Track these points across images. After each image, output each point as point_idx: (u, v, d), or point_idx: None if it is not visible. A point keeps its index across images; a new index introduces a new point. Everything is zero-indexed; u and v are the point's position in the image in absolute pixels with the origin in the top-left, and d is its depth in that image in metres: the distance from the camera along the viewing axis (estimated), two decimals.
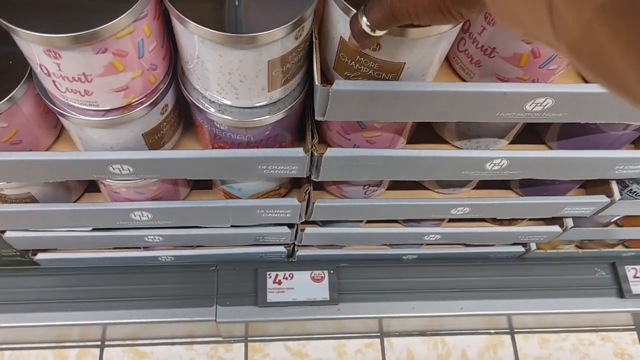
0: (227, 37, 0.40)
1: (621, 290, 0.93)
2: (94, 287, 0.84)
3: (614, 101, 0.48)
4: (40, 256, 0.79)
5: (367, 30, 0.37)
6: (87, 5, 0.40)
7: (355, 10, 0.41)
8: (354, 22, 0.38)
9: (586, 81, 0.51)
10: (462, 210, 0.70)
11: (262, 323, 0.92)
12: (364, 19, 0.36)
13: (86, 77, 0.43)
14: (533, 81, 0.49)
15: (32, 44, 0.40)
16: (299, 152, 0.55)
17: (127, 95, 0.47)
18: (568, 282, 0.94)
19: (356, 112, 0.50)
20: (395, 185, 0.73)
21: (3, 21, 0.39)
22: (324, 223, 0.82)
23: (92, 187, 0.68)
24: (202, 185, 0.70)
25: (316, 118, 0.51)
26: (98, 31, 0.39)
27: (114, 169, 0.54)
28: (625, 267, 0.94)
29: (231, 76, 0.45)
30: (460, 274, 0.94)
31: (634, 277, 0.93)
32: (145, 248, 0.85)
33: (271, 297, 0.87)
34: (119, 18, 0.39)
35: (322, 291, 0.89)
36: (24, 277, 0.83)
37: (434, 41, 0.42)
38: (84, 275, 0.84)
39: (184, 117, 0.58)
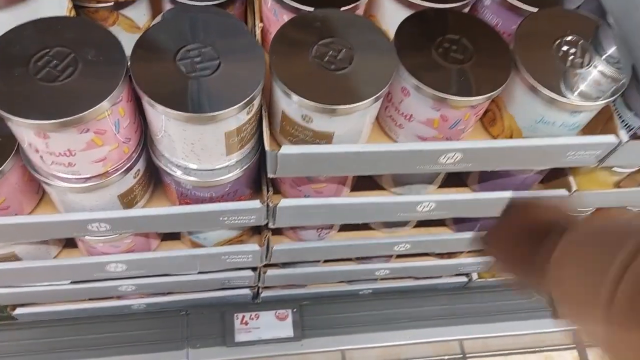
0: (189, 116, 0.49)
1: (557, 312, 1.03)
2: (71, 338, 0.89)
3: (508, 153, 0.59)
4: (18, 311, 0.84)
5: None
6: (70, 91, 0.48)
7: (292, 93, 0.51)
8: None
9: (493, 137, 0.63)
10: (404, 247, 0.79)
11: None
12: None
13: (70, 152, 0.51)
14: (446, 139, 0.59)
15: (23, 128, 0.48)
16: (256, 204, 0.64)
17: (105, 164, 0.55)
18: (509, 306, 1.04)
19: (301, 169, 0.59)
20: (345, 227, 0.82)
21: (1, 110, 0.47)
22: (284, 264, 0.90)
23: (69, 243, 0.75)
24: (170, 236, 0.78)
25: (268, 176, 0.60)
26: (83, 116, 0.47)
27: (92, 227, 0.61)
28: None
29: (194, 145, 0.54)
30: (412, 305, 1.03)
31: None
32: (118, 297, 0.91)
33: (239, 337, 0.94)
34: (100, 104, 0.47)
35: (286, 329, 0.96)
36: (1, 331, 0.88)
37: (356, 116, 0.52)
38: (60, 327, 0.90)
39: (154, 178, 0.66)
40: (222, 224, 0.66)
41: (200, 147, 0.54)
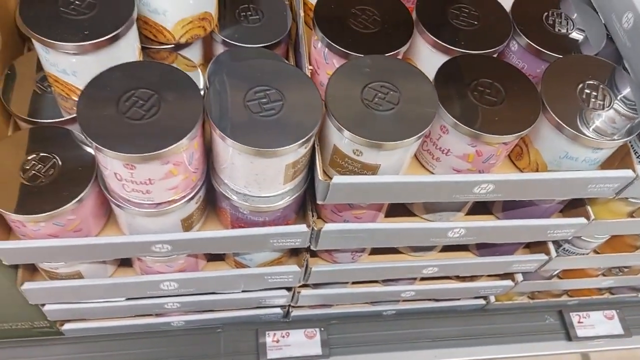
0: (257, 151, 0.56)
1: (569, 335, 1.08)
2: (113, 353, 0.94)
3: (535, 185, 0.65)
4: (67, 326, 0.89)
5: None
6: (155, 128, 0.54)
7: (345, 130, 0.57)
8: None
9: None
10: (431, 270, 0.85)
11: None
12: None
13: (150, 181, 0.57)
14: (479, 171, 0.66)
15: (112, 159, 0.55)
16: (303, 228, 0.70)
17: (176, 192, 0.61)
18: (523, 328, 1.09)
19: (348, 197, 0.65)
20: (376, 251, 0.88)
21: (97, 144, 0.53)
22: (316, 285, 0.96)
23: (122, 262, 0.80)
24: (215, 257, 0.84)
25: (318, 202, 0.66)
26: (167, 150, 0.53)
27: (156, 247, 0.67)
28: (571, 314, 1.10)
29: (257, 176, 0.60)
30: (432, 326, 1.08)
31: (578, 322, 1.09)
32: (157, 315, 0.96)
33: (271, 354, 0.99)
34: (182, 140, 0.54)
35: (314, 347, 1.01)
36: (49, 346, 0.93)
37: (400, 151, 0.59)
38: (103, 342, 0.94)
39: (209, 203, 0.72)
40: (270, 246, 0.72)
41: (262, 177, 0.60)
